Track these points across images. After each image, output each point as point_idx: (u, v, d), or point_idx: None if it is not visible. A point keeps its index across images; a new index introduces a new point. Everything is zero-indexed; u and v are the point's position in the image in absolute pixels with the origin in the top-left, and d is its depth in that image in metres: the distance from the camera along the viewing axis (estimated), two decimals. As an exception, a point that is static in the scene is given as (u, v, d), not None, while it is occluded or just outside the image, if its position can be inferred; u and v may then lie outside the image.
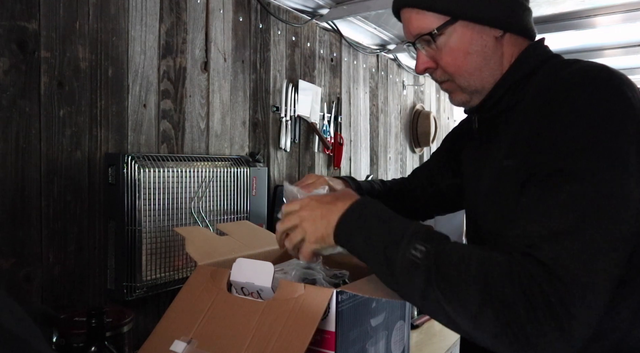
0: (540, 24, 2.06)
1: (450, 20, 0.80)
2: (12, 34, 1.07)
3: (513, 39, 0.84)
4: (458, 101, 0.89)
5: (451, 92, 0.89)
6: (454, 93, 0.88)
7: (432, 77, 0.89)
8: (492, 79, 0.84)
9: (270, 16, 1.83)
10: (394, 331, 1.03)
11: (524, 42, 0.85)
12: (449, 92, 0.90)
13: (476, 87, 0.85)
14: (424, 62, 0.86)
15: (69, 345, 0.97)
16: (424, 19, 0.82)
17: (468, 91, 0.85)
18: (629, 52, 2.39)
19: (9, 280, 1.06)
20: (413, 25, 0.84)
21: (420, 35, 0.83)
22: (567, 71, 0.73)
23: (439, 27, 0.80)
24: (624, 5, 1.85)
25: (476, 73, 0.83)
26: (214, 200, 1.43)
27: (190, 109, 1.50)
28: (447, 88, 0.89)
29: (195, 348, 0.82)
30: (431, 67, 0.86)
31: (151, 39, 1.37)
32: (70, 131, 1.18)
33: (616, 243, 0.60)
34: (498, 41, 0.82)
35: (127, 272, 1.22)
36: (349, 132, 2.37)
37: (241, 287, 0.89)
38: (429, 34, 0.81)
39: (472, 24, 0.80)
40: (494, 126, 0.86)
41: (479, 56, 0.82)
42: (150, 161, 1.26)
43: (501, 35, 0.82)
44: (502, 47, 0.83)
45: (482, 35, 0.81)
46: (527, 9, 0.86)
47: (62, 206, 1.16)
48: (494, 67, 0.83)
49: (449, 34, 0.81)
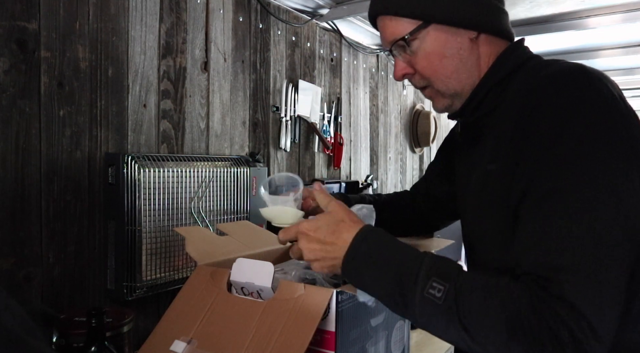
0: (540, 24, 2.06)
1: (422, 24, 0.81)
2: (12, 34, 1.07)
3: (489, 40, 0.83)
4: (441, 107, 0.89)
5: (432, 99, 0.89)
6: (435, 99, 0.88)
7: (412, 83, 0.89)
8: (471, 81, 0.84)
9: (270, 16, 1.83)
10: (394, 331, 1.03)
11: (501, 43, 0.85)
12: (431, 99, 0.90)
13: (455, 90, 0.84)
14: (402, 68, 0.86)
15: (69, 345, 0.97)
16: (397, 25, 0.82)
17: (448, 94, 0.85)
18: (628, 52, 2.39)
19: (9, 280, 1.06)
20: (387, 32, 0.84)
21: (395, 42, 0.83)
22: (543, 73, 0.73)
23: (411, 32, 0.81)
24: (624, 5, 1.85)
25: (453, 76, 0.83)
26: (214, 200, 1.43)
27: (190, 109, 1.50)
28: (428, 95, 0.89)
29: (195, 348, 0.82)
30: (409, 73, 0.86)
31: (151, 39, 1.37)
32: (70, 131, 1.18)
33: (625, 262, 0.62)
34: (473, 43, 0.82)
35: (127, 272, 1.22)
36: (349, 132, 2.37)
37: (241, 287, 0.89)
38: (402, 39, 0.82)
39: (445, 27, 0.81)
40: (477, 130, 0.87)
41: (455, 59, 0.82)
42: (150, 161, 1.26)
43: (476, 36, 0.82)
44: (478, 48, 0.83)
45: (457, 38, 0.81)
46: (503, 11, 0.85)
47: (62, 206, 1.16)
48: (471, 69, 0.83)
49: (422, 38, 0.81)
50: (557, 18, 2.00)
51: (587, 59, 2.52)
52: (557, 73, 0.71)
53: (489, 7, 0.82)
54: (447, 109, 0.88)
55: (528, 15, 1.99)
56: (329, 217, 0.79)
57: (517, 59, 0.82)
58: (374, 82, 2.59)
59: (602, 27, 1.98)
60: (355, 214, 0.81)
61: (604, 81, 0.69)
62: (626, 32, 2.13)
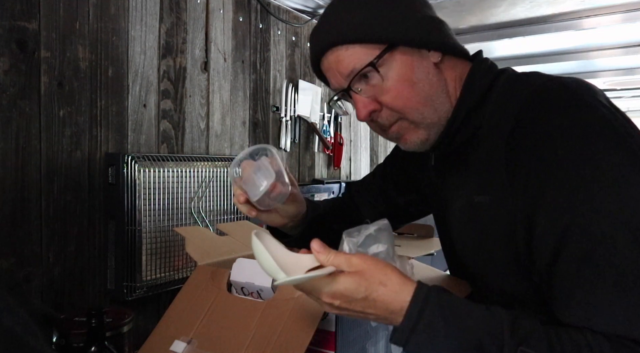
0: (540, 24, 2.06)
1: (388, 47, 0.72)
2: (12, 34, 1.06)
3: (452, 63, 0.77)
4: (416, 141, 0.76)
5: (403, 135, 0.77)
6: (408, 134, 0.76)
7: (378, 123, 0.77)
8: (445, 108, 0.76)
9: (270, 16, 1.83)
10: (394, 331, 1.03)
11: (463, 64, 0.78)
12: (400, 137, 0.77)
13: (432, 120, 0.75)
14: (367, 105, 0.74)
15: (69, 345, 0.97)
16: (356, 53, 0.72)
17: (424, 125, 0.75)
18: (628, 52, 2.39)
19: (9, 280, 1.06)
20: (344, 64, 0.73)
21: (356, 73, 0.72)
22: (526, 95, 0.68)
23: (378, 56, 0.71)
24: (624, 5, 1.84)
25: (428, 104, 0.74)
26: (214, 200, 1.43)
27: (190, 109, 1.50)
28: (397, 131, 0.76)
29: (195, 348, 0.82)
30: (376, 109, 0.75)
31: (151, 39, 1.37)
32: (70, 131, 1.18)
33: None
34: (437, 68, 0.75)
35: (127, 272, 1.22)
36: (349, 132, 2.37)
37: (241, 287, 0.89)
38: (370, 65, 0.71)
39: (410, 50, 0.73)
40: (453, 160, 0.80)
41: (425, 85, 0.74)
42: (150, 161, 1.26)
43: (440, 60, 0.75)
44: (443, 73, 0.76)
45: (423, 62, 0.74)
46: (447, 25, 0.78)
47: (62, 206, 1.16)
48: (442, 96, 0.75)
49: (388, 64, 0.72)
50: (557, 18, 2.00)
51: (587, 59, 2.52)
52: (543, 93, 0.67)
53: (442, 26, 0.77)
54: (422, 143, 0.77)
55: (528, 15, 1.99)
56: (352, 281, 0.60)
57: (486, 77, 0.76)
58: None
59: (602, 27, 1.98)
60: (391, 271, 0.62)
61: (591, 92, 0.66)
62: (626, 32, 2.13)
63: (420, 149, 0.79)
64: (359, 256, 0.62)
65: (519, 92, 0.70)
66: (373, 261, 0.62)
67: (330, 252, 0.61)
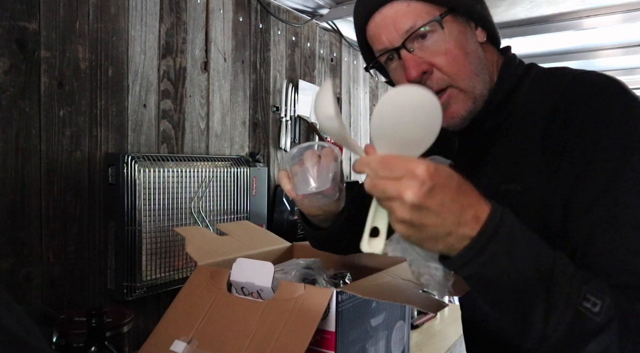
0: (540, 24, 2.06)
1: (448, 11, 0.72)
2: (12, 34, 1.06)
3: (491, 49, 0.79)
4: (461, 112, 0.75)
5: (450, 105, 0.75)
6: (457, 103, 0.75)
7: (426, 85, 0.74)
8: (488, 87, 0.76)
9: (270, 16, 1.83)
10: (393, 331, 1.03)
11: (497, 53, 0.80)
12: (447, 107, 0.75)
13: (480, 91, 0.75)
14: (419, 64, 0.72)
15: (69, 345, 0.97)
16: (418, 10, 0.72)
17: (472, 95, 0.74)
18: (628, 52, 2.39)
19: (9, 280, 1.06)
20: (403, 20, 0.72)
21: (416, 30, 0.71)
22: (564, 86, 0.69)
23: (444, 14, 0.71)
24: (624, 5, 1.85)
25: (478, 75, 0.74)
26: (214, 200, 1.43)
27: (190, 109, 1.50)
28: (447, 100, 0.75)
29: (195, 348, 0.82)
30: (428, 70, 0.73)
31: (151, 39, 1.37)
32: (70, 131, 1.18)
33: None
34: (481, 48, 0.77)
35: (127, 272, 1.22)
36: (349, 132, 2.37)
37: (241, 287, 0.89)
38: (434, 21, 0.70)
39: (465, 21, 0.75)
40: (477, 147, 0.80)
41: (475, 57, 0.75)
42: (150, 161, 1.26)
43: (485, 40, 0.77)
44: (485, 55, 0.77)
45: (473, 37, 0.76)
46: None
47: (62, 206, 1.16)
48: (487, 73, 0.76)
49: (448, 26, 0.72)
50: (557, 18, 2.00)
51: (587, 59, 2.52)
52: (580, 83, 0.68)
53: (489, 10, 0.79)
54: (467, 116, 0.75)
55: (528, 15, 1.99)
56: (448, 168, 0.53)
57: (519, 69, 0.77)
58: (374, 82, 2.59)
59: (602, 27, 1.98)
60: None
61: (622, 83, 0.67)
62: (626, 32, 2.13)
63: (461, 124, 0.77)
64: None
65: (554, 84, 0.71)
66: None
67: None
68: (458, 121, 0.76)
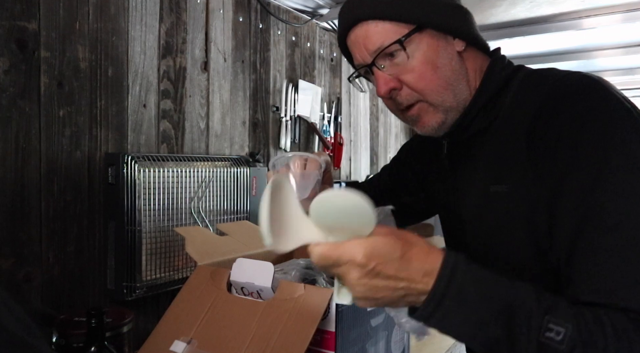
0: (540, 24, 2.06)
1: (416, 28, 0.73)
2: (12, 34, 1.06)
3: (473, 54, 0.79)
4: (433, 124, 0.78)
5: (421, 118, 0.78)
6: (426, 115, 0.77)
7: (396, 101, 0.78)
8: (464, 96, 0.78)
9: (270, 16, 1.83)
10: (393, 331, 1.03)
11: (483, 57, 0.81)
12: (418, 119, 0.78)
13: (450, 105, 0.77)
14: (388, 82, 0.75)
15: (69, 345, 0.97)
16: (386, 30, 0.74)
17: (442, 108, 0.76)
18: (629, 52, 2.39)
19: (9, 280, 1.06)
20: (372, 40, 0.75)
21: (382, 49, 0.74)
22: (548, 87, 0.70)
23: (407, 35, 0.73)
24: (624, 5, 1.85)
25: (449, 88, 0.76)
26: (214, 200, 1.43)
27: (190, 109, 1.50)
28: (416, 113, 0.78)
29: (195, 348, 0.82)
30: (396, 87, 0.76)
31: (151, 39, 1.37)
32: (70, 131, 1.18)
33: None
34: (460, 57, 0.77)
35: (127, 272, 1.22)
36: (349, 132, 2.37)
37: (241, 287, 0.89)
38: (397, 42, 0.73)
39: (437, 34, 0.75)
40: (466, 150, 0.81)
41: (448, 70, 0.75)
42: (150, 161, 1.26)
43: (464, 49, 0.77)
44: (465, 62, 0.78)
45: (447, 48, 0.76)
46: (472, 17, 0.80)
47: (62, 206, 1.16)
48: (462, 83, 0.77)
49: (416, 44, 0.74)
50: (557, 18, 2.00)
51: (587, 59, 2.52)
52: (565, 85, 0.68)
53: (469, 16, 0.79)
54: (439, 127, 0.78)
55: (528, 15, 1.99)
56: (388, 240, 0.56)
57: (505, 71, 0.78)
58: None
59: (602, 27, 1.98)
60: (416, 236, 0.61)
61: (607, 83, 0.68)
62: (626, 32, 2.13)
63: (436, 133, 0.80)
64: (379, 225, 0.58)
65: (538, 86, 0.72)
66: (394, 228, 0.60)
67: None
68: (431, 130, 0.79)
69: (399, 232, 0.59)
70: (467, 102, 0.78)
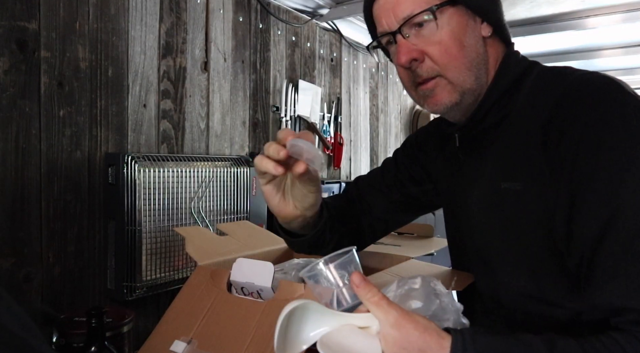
0: (540, 24, 2.06)
1: (447, 2, 0.71)
2: (12, 34, 1.07)
3: (496, 43, 0.78)
4: (446, 102, 0.75)
5: (435, 93, 0.75)
6: (442, 92, 0.75)
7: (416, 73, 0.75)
8: (483, 82, 0.76)
9: (270, 16, 1.83)
10: (394, 331, 1.03)
11: (502, 48, 0.79)
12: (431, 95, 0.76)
13: (470, 86, 0.74)
14: (410, 51, 0.73)
15: (69, 345, 0.97)
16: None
17: (460, 88, 0.74)
18: (628, 52, 2.39)
19: (9, 280, 1.06)
20: (402, 6, 0.72)
21: (413, 16, 0.71)
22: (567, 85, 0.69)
23: (440, 5, 0.71)
24: (624, 5, 1.85)
25: (472, 70, 0.74)
26: (214, 200, 1.43)
27: (190, 109, 1.50)
28: (432, 87, 0.75)
29: (195, 348, 0.82)
30: (418, 58, 0.73)
31: (151, 39, 1.37)
32: (70, 131, 1.18)
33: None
34: (485, 42, 0.76)
35: (127, 272, 1.22)
36: (349, 132, 2.37)
37: (241, 287, 0.89)
38: (429, 10, 0.70)
39: (467, 13, 0.73)
40: (477, 144, 0.80)
41: (473, 51, 0.74)
42: (150, 161, 1.26)
43: (490, 34, 0.76)
44: (487, 49, 0.76)
45: (475, 30, 0.74)
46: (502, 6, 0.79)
47: (62, 206, 1.16)
48: (483, 69, 0.76)
49: (447, 17, 0.72)
50: (557, 18, 2.00)
51: (587, 59, 2.52)
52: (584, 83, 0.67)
53: (501, 4, 0.78)
54: (452, 107, 0.76)
55: (528, 15, 1.99)
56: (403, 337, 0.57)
57: (520, 66, 0.77)
58: (374, 82, 2.59)
59: (602, 27, 1.98)
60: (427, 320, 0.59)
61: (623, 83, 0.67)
62: (626, 32, 2.13)
63: (446, 113, 0.78)
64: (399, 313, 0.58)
65: (555, 84, 0.71)
66: (412, 323, 0.58)
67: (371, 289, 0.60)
68: (442, 109, 0.77)
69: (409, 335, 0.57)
70: (483, 90, 0.76)
